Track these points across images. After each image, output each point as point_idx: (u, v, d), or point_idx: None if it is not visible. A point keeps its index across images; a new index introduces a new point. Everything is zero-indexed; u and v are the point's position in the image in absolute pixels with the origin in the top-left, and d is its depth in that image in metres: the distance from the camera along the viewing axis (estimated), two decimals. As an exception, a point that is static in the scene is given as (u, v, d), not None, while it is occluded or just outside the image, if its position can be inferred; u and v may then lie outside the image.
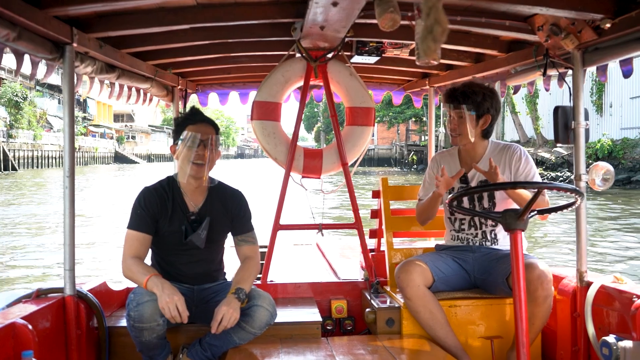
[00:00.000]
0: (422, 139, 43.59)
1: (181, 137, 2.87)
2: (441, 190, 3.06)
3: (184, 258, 2.94)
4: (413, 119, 45.96)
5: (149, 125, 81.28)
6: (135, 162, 66.27)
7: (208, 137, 2.86)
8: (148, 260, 2.93)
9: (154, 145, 79.57)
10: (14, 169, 40.10)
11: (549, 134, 30.15)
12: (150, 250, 2.92)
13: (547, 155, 26.87)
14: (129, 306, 2.67)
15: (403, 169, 44.09)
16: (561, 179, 22.99)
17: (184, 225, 2.88)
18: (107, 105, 67.91)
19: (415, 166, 42.18)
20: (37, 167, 44.38)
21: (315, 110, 59.50)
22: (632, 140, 24.41)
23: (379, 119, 43.86)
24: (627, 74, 2.96)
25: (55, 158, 47.60)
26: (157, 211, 2.87)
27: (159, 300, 2.58)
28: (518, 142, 31.14)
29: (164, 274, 2.81)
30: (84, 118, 60.73)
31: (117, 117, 75.53)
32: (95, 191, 24.20)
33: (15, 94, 41.56)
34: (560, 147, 25.66)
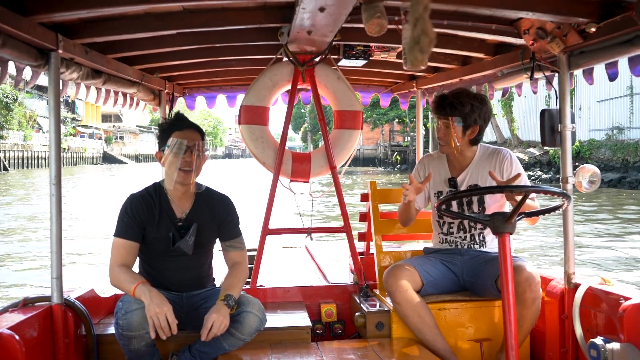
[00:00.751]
0: (405, 140, 44.11)
1: (167, 143, 2.84)
2: (410, 197, 3.07)
3: (172, 265, 2.93)
4: (397, 120, 46.42)
5: (137, 126, 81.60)
6: (124, 163, 66.69)
7: (194, 143, 2.84)
8: (136, 268, 2.91)
9: (142, 145, 79.94)
10: (5, 169, 40.71)
11: (524, 135, 31.77)
12: (137, 258, 2.91)
13: (521, 155, 28.31)
14: (117, 314, 2.65)
15: (387, 169, 44.90)
16: (533, 177, 24.55)
17: (172, 232, 2.86)
18: (95, 106, 67.73)
19: (399, 166, 42.95)
20: (28, 167, 45.05)
21: (302, 111, 59.50)
22: (598, 141, 25.94)
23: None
24: (612, 77, 2.99)
25: (45, 158, 48.13)
26: (144, 218, 2.85)
27: (147, 310, 2.55)
28: (495, 143, 32.82)
29: (152, 282, 2.79)
30: (73, 119, 60.77)
31: (105, 118, 75.55)
32: (84, 193, 24.06)
33: (5, 96, 41.94)
34: (533, 148, 27.10)
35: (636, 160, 23.19)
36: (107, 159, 66.36)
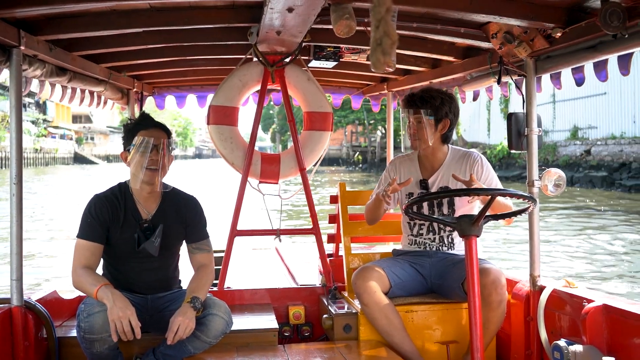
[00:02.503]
0: (365, 141, 46.02)
1: (133, 142, 2.80)
2: (387, 198, 3.05)
3: (137, 267, 2.88)
4: (357, 122, 47.30)
5: (107, 127, 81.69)
6: (95, 163, 66.95)
7: (160, 142, 2.80)
8: (100, 270, 2.86)
9: (112, 146, 79.68)
10: None
11: (469, 137, 35.02)
12: (102, 259, 2.85)
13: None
14: (79, 317, 2.60)
15: (349, 168, 46.79)
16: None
17: (137, 233, 2.81)
18: (65, 107, 67.60)
19: (360, 165, 44.19)
20: (1, 167, 45.82)
21: (271, 112, 59.49)
22: None
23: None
24: (579, 82, 3.03)
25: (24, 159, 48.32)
26: (108, 219, 2.79)
27: (109, 314, 2.50)
28: None
29: (116, 284, 2.74)
30: (44, 120, 60.34)
31: (76, 119, 75.32)
32: (54, 193, 23.72)
33: None
34: (476, 149, 29.94)
35: (554, 159, 24.97)
36: (79, 159, 66.56)
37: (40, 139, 55.24)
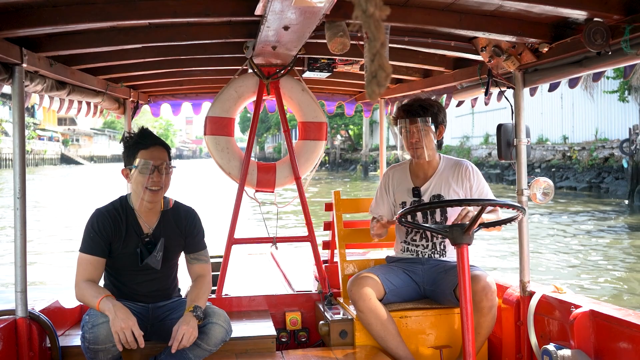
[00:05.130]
0: (328, 144, 48.50)
1: (134, 164, 2.84)
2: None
3: (138, 278, 2.95)
4: None
5: (91, 129, 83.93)
6: (80, 164, 68.88)
7: (162, 162, 2.85)
8: (102, 281, 2.92)
9: (96, 147, 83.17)
10: None
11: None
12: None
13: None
14: (83, 328, 2.66)
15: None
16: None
17: (139, 248, 2.88)
18: (51, 110, 68.42)
19: (326, 165, 44.88)
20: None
21: (248, 114, 59.81)
22: (452, 146, 31.82)
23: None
24: (552, 88, 3.17)
25: (10, 160, 51.94)
26: (110, 234, 2.85)
27: (111, 325, 2.57)
28: (394, 147, 39.58)
29: (118, 293, 2.82)
30: (33, 123, 61.11)
31: (61, 121, 77.05)
32: (48, 195, 23.74)
33: None
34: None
35: (469, 159, 29.63)
36: (65, 160, 68.39)
37: (30, 141, 56.12)
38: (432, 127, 3.26)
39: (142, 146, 2.86)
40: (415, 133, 3.26)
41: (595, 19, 2.40)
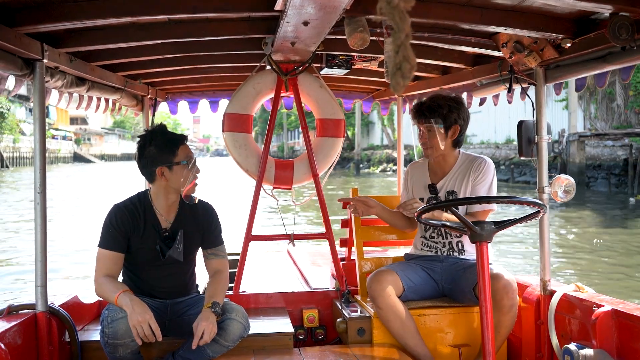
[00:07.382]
0: None
1: (174, 160, 2.87)
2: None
3: (157, 273, 2.96)
4: None
5: (102, 128, 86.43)
6: (92, 162, 71.68)
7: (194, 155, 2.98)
8: (121, 276, 2.93)
9: (107, 146, 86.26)
10: (6, 166, 47.74)
11: (405, 141, 41.28)
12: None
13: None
14: (103, 323, 2.68)
15: None
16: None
17: (158, 245, 2.89)
18: (64, 110, 70.70)
19: None
20: (17, 165, 51.57)
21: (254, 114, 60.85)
22: None
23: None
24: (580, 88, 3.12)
25: (29, 158, 53.86)
26: (129, 229, 2.87)
27: (129, 319, 2.58)
28: (387, 146, 44.17)
29: (137, 290, 2.82)
30: (48, 123, 62.87)
31: (73, 121, 79.53)
32: (65, 191, 24.04)
33: (0, 106, 46.75)
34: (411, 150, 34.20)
35: None
36: (78, 158, 70.74)
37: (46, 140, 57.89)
38: (441, 128, 3.23)
39: (180, 142, 2.91)
40: (425, 133, 3.29)
41: (621, 14, 2.36)
